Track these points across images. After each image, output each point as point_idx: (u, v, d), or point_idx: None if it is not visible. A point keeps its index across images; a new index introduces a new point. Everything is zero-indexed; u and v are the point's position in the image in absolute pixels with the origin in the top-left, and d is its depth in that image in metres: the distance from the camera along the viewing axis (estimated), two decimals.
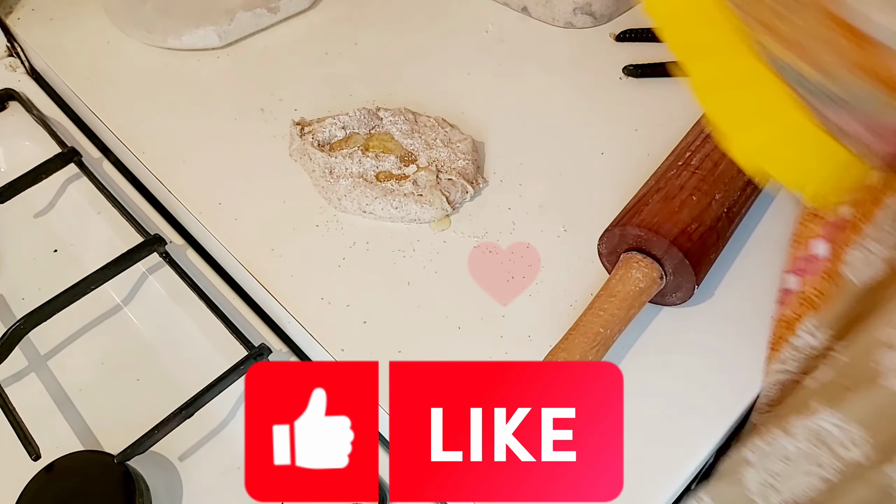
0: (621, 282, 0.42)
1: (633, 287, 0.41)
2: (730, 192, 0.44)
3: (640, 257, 0.42)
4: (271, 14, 0.62)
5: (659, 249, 0.42)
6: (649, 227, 0.42)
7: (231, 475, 0.46)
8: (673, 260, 0.41)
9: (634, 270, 0.42)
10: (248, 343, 0.47)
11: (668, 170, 0.45)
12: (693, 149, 0.46)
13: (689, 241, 0.41)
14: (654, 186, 0.44)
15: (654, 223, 0.42)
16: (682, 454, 0.40)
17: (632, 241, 0.43)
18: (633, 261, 0.42)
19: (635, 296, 0.41)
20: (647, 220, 0.42)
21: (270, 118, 0.57)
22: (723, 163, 0.44)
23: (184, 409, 0.44)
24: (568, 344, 0.40)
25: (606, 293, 0.42)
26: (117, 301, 0.53)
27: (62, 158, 0.56)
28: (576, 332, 0.41)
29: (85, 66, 0.61)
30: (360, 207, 0.50)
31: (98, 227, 0.56)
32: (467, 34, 0.62)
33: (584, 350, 0.40)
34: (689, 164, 0.45)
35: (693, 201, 0.42)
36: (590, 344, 0.40)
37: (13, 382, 0.50)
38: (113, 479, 0.43)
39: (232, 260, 0.50)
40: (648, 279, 0.42)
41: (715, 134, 0.45)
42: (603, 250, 0.45)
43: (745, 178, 0.44)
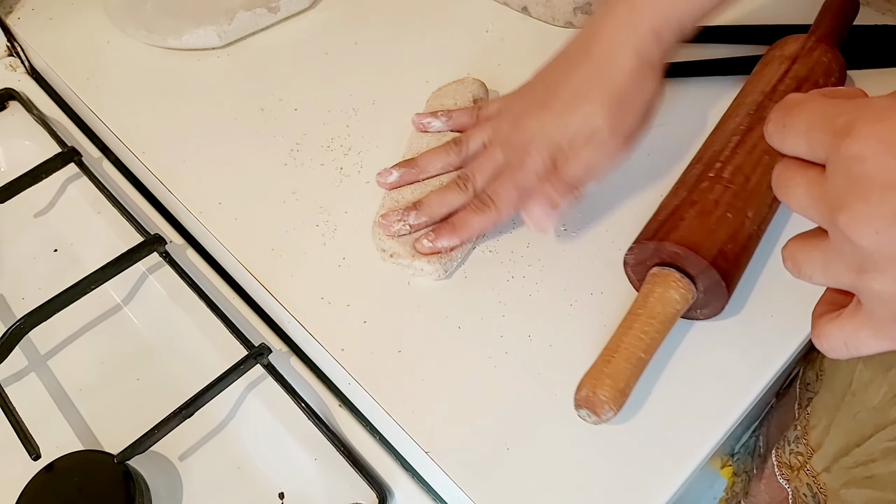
0: (661, 303, 0.41)
1: (672, 309, 0.41)
2: (761, 209, 0.43)
3: (678, 276, 0.41)
4: (271, 14, 0.62)
5: (695, 268, 0.41)
6: (688, 246, 0.40)
7: (231, 475, 0.46)
8: (707, 280, 0.41)
9: (673, 291, 0.41)
10: (248, 343, 0.47)
11: (699, 180, 0.44)
12: (723, 159, 0.44)
13: (726, 262, 0.40)
14: (686, 199, 0.43)
15: (693, 242, 0.41)
16: (681, 454, 0.40)
17: (667, 258, 0.42)
18: (671, 279, 0.41)
19: (673, 317, 0.41)
20: (685, 237, 0.41)
21: (270, 118, 0.57)
22: (753, 177, 0.43)
23: (184, 409, 0.44)
24: (613, 369, 0.39)
25: (647, 314, 0.40)
26: (117, 301, 0.53)
27: (62, 158, 0.56)
28: (619, 356, 0.39)
29: (85, 66, 0.61)
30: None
31: (98, 226, 0.56)
32: (467, 34, 0.62)
33: (627, 377, 0.39)
34: (722, 177, 0.43)
35: (728, 219, 0.42)
36: (633, 370, 0.39)
37: (13, 382, 0.50)
38: (113, 479, 0.43)
39: (232, 260, 0.50)
40: (684, 301, 0.41)
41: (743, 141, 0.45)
42: (630, 261, 0.44)
43: (772, 195, 0.44)
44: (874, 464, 0.45)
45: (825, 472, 0.48)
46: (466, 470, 0.40)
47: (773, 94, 0.47)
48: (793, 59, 0.49)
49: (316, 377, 0.48)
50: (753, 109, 0.47)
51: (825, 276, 0.28)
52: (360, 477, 0.43)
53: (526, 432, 0.41)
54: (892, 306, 0.26)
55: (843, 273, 0.27)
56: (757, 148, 0.44)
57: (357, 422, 0.46)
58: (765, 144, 0.44)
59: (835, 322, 0.29)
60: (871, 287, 0.26)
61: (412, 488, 0.43)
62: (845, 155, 0.26)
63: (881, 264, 0.26)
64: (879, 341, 0.28)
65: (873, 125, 0.25)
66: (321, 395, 0.47)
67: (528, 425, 0.42)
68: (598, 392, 0.38)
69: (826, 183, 0.27)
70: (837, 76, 0.50)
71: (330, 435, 0.44)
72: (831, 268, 0.28)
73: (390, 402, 0.43)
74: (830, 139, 0.26)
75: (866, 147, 0.25)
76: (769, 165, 0.44)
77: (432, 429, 0.42)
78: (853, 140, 0.25)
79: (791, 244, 0.30)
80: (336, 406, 0.46)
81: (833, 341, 0.29)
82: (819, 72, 0.49)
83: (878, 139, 0.25)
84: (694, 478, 0.41)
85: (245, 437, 0.47)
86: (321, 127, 0.56)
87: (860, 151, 0.25)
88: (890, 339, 0.27)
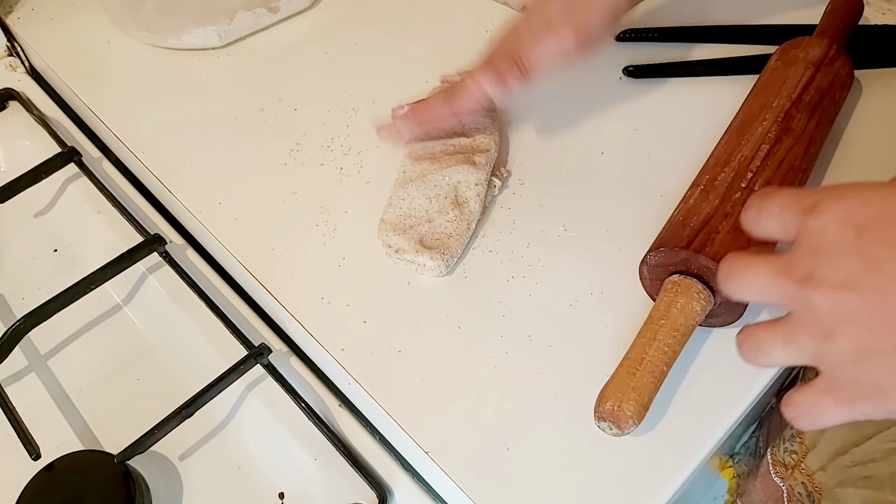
0: (683, 314, 0.40)
1: (694, 321, 0.40)
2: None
3: (701, 288, 0.41)
4: (271, 14, 0.62)
5: (711, 277, 0.40)
6: (708, 253, 0.40)
7: (231, 475, 0.46)
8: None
9: (695, 303, 0.40)
10: (248, 343, 0.47)
11: (730, 189, 0.43)
12: (754, 169, 0.44)
13: None
14: (720, 208, 0.42)
15: (711, 251, 0.40)
16: (681, 454, 0.40)
17: (694, 268, 0.41)
18: (695, 290, 0.41)
19: (693, 329, 0.40)
20: (720, 253, 0.40)
21: (270, 118, 0.57)
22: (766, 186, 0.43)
23: (184, 409, 0.44)
24: (638, 383, 0.38)
25: (670, 326, 0.40)
26: (117, 301, 0.53)
27: (62, 158, 0.56)
28: (644, 370, 0.39)
29: (85, 66, 0.61)
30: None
31: (98, 226, 0.56)
32: (467, 34, 0.62)
33: (651, 391, 0.38)
34: (753, 189, 0.43)
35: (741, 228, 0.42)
36: (656, 384, 0.39)
37: (13, 382, 0.50)
38: (113, 479, 0.43)
39: (232, 260, 0.50)
40: (704, 312, 0.41)
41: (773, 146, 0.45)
42: (651, 261, 0.43)
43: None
44: (874, 464, 0.45)
45: (820, 471, 0.48)
46: (466, 470, 0.40)
47: (799, 104, 0.47)
48: (817, 67, 0.49)
49: (316, 377, 0.48)
50: (781, 117, 0.46)
51: (785, 350, 0.30)
52: (360, 477, 0.43)
53: (526, 432, 0.41)
54: (850, 370, 0.28)
55: (806, 343, 0.29)
56: (784, 162, 0.44)
57: (357, 422, 0.46)
58: (791, 159, 0.45)
59: (799, 391, 0.31)
60: (831, 351, 0.28)
61: (412, 488, 0.43)
62: (811, 228, 0.29)
63: (839, 327, 0.28)
64: (840, 408, 0.29)
65: (835, 202, 0.29)
66: (321, 395, 0.47)
67: (528, 425, 0.42)
68: (624, 407, 0.38)
69: (791, 257, 0.29)
70: (849, 89, 0.50)
71: (330, 435, 0.44)
72: (793, 340, 0.30)
73: (390, 402, 0.43)
74: (800, 217, 0.29)
75: (828, 220, 0.28)
76: (792, 181, 0.44)
77: (432, 429, 0.42)
78: (817, 215, 0.29)
79: (747, 327, 0.32)
80: (336, 406, 0.46)
81: (800, 409, 0.31)
82: (838, 84, 0.49)
83: (837, 213, 0.28)
84: (694, 478, 0.41)
85: (245, 437, 0.47)
86: (321, 127, 0.56)
87: (822, 224, 0.28)
88: (848, 405, 0.29)
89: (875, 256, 0.27)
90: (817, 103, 0.47)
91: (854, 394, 0.29)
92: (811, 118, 0.46)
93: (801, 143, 0.45)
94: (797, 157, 0.44)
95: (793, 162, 0.44)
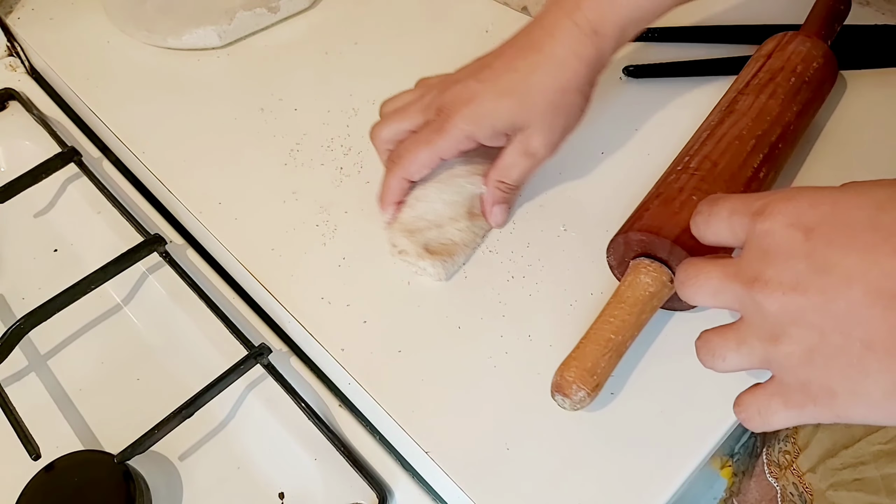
0: (630, 287, 0.41)
1: (643, 292, 0.41)
2: (733, 188, 0.43)
3: (648, 262, 0.42)
4: (271, 14, 0.62)
5: (664, 251, 0.41)
6: (650, 230, 0.41)
7: (231, 475, 0.46)
8: (679, 260, 0.41)
9: (643, 275, 0.41)
10: (248, 343, 0.47)
11: (668, 175, 0.45)
12: (692, 153, 0.45)
13: (692, 239, 0.41)
14: (654, 193, 0.44)
15: (654, 226, 0.42)
16: (681, 454, 0.40)
17: (637, 248, 0.43)
18: (642, 266, 0.42)
19: (646, 300, 0.41)
20: (647, 223, 0.42)
21: (270, 118, 0.57)
22: (722, 162, 0.44)
23: (184, 409, 0.44)
24: (579, 352, 0.40)
25: (616, 300, 0.41)
26: (117, 301, 0.53)
27: (62, 158, 0.56)
28: (587, 339, 0.40)
29: (85, 66, 0.61)
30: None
31: (98, 226, 0.56)
32: (467, 34, 0.62)
33: (595, 357, 0.39)
34: (689, 168, 0.44)
35: (693, 201, 0.42)
36: (601, 351, 0.39)
37: (13, 382, 0.50)
38: (113, 478, 0.43)
39: (232, 260, 0.50)
40: (658, 283, 0.41)
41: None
42: (613, 262, 0.45)
43: (747, 174, 0.44)
44: (864, 467, 0.45)
45: (810, 473, 0.48)
46: (466, 470, 0.40)
47: (745, 90, 0.48)
48: (768, 56, 0.50)
49: (316, 377, 0.48)
50: (725, 105, 0.48)
51: (738, 353, 0.30)
52: (360, 477, 0.43)
53: (526, 432, 0.41)
54: (799, 372, 0.28)
55: (756, 346, 0.29)
56: (726, 136, 0.45)
57: (357, 422, 0.46)
58: (735, 131, 0.45)
59: (750, 392, 0.31)
60: (780, 354, 0.28)
61: (412, 488, 0.43)
62: (759, 231, 0.29)
63: (787, 329, 0.28)
64: (788, 410, 0.29)
65: (783, 204, 0.29)
66: (321, 395, 0.47)
67: (528, 425, 0.42)
68: (565, 374, 0.39)
69: (741, 261, 0.30)
70: (821, 62, 0.50)
71: (330, 435, 0.44)
72: (745, 343, 0.30)
73: (390, 402, 0.43)
74: (749, 220, 0.30)
75: (775, 222, 0.28)
76: (739, 150, 0.44)
77: (432, 429, 0.42)
78: (765, 217, 0.29)
79: (704, 333, 0.32)
80: (336, 406, 0.46)
81: (749, 410, 0.31)
82: (797, 60, 0.49)
83: (785, 215, 0.28)
84: (694, 478, 0.41)
85: (245, 437, 0.47)
86: (321, 127, 0.56)
87: (770, 227, 0.29)
88: (798, 408, 0.29)
89: (823, 258, 0.27)
90: (768, 81, 0.48)
91: (803, 397, 0.29)
92: (759, 95, 0.47)
93: (747, 117, 0.46)
94: (744, 129, 0.45)
95: (738, 133, 0.45)
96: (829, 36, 0.53)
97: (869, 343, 0.26)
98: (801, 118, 0.48)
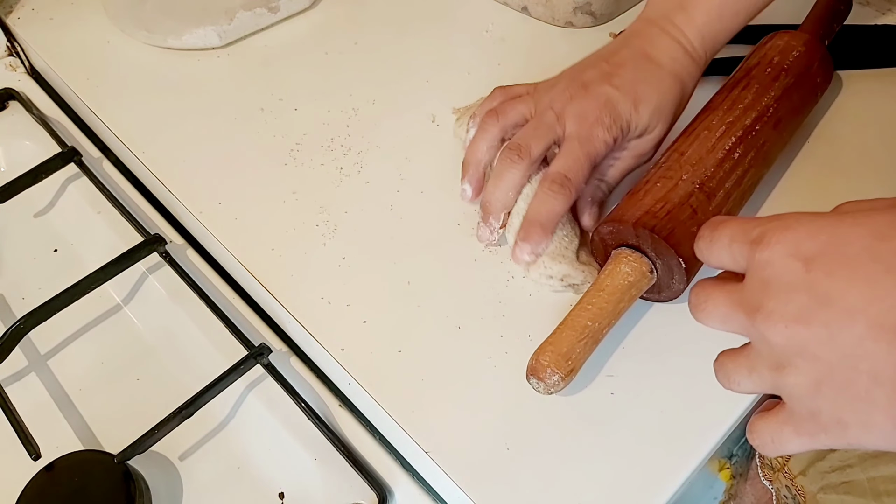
0: (609, 276, 0.42)
1: (622, 281, 0.42)
2: (699, 170, 0.44)
3: (628, 252, 0.43)
4: (271, 14, 0.62)
5: (632, 237, 0.42)
6: (614, 219, 0.43)
7: (231, 475, 0.46)
8: (647, 241, 0.42)
9: (623, 265, 0.42)
10: (248, 343, 0.47)
11: (643, 178, 0.46)
12: (665, 152, 0.47)
13: (654, 219, 0.42)
14: (626, 193, 0.46)
15: (618, 215, 0.43)
16: (681, 454, 0.40)
17: (609, 239, 0.44)
18: (622, 256, 0.43)
19: (624, 290, 0.42)
20: (612, 214, 0.44)
21: (270, 118, 0.57)
22: (689, 150, 0.45)
23: (184, 409, 0.44)
24: (556, 338, 0.40)
25: (595, 288, 0.42)
26: (117, 301, 0.53)
27: (62, 158, 0.56)
28: (564, 325, 0.41)
29: (85, 66, 0.61)
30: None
31: (98, 226, 0.56)
32: (467, 34, 0.62)
33: (571, 343, 0.40)
34: (658, 164, 0.46)
35: (657, 187, 0.43)
36: (577, 337, 0.40)
37: (13, 382, 0.50)
38: (113, 478, 0.43)
39: (232, 260, 0.50)
40: (637, 273, 0.42)
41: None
42: (599, 261, 0.46)
43: (718, 156, 0.44)
44: (851, 469, 0.45)
45: (801, 476, 0.48)
46: (466, 470, 0.40)
47: (721, 90, 0.49)
48: (746, 58, 0.51)
49: (316, 377, 0.48)
50: (701, 110, 0.49)
51: (750, 380, 0.30)
52: (360, 477, 0.43)
53: (526, 432, 0.41)
54: (808, 403, 0.28)
55: (766, 374, 0.29)
56: (696, 129, 0.46)
57: (357, 422, 0.46)
58: (706, 123, 0.46)
59: (763, 419, 0.31)
60: (787, 383, 0.28)
61: (412, 488, 0.43)
62: (759, 261, 0.29)
63: (793, 360, 0.28)
64: (800, 438, 0.29)
65: (782, 233, 0.28)
66: (321, 395, 0.47)
67: (528, 425, 0.42)
68: (540, 358, 0.40)
69: (744, 289, 0.30)
70: (802, 50, 0.50)
71: (330, 435, 0.44)
72: (755, 370, 0.30)
73: (390, 402, 0.43)
74: (749, 248, 0.29)
75: (774, 252, 0.28)
76: (707, 137, 0.45)
77: (432, 429, 0.42)
78: (764, 247, 0.29)
79: (720, 356, 0.32)
80: (336, 406, 0.46)
81: (762, 437, 0.31)
82: (773, 53, 0.50)
83: (784, 245, 0.28)
84: (693, 479, 0.41)
85: (245, 437, 0.47)
86: (321, 127, 0.56)
87: (770, 257, 0.28)
88: (809, 436, 0.29)
89: (824, 290, 0.27)
90: (742, 77, 0.49)
91: (814, 426, 0.29)
92: (732, 90, 0.48)
93: (718, 111, 0.47)
94: (714, 119, 0.47)
95: (707, 124, 0.46)
96: (827, 35, 0.53)
97: (876, 377, 0.26)
98: (784, 101, 0.48)
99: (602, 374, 0.43)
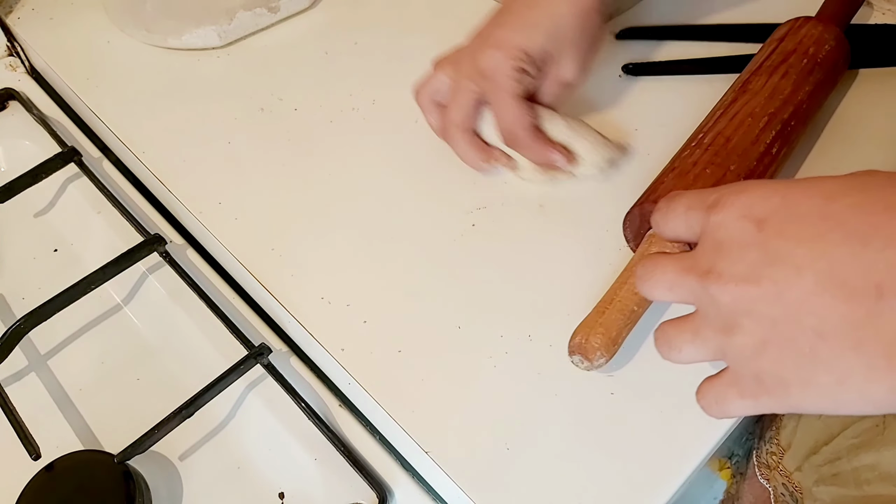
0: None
1: None
2: (745, 162, 0.44)
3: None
4: (271, 14, 0.62)
5: None
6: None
7: (231, 475, 0.46)
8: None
9: (668, 250, 0.41)
10: (248, 343, 0.47)
11: (682, 151, 0.46)
12: (706, 130, 0.46)
13: None
14: (669, 167, 0.45)
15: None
16: (681, 454, 0.40)
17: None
18: (657, 239, 0.42)
19: None
20: (662, 195, 0.41)
21: (270, 118, 0.57)
22: (735, 137, 0.44)
23: (184, 409, 0.44)
24: (606, 319, 0.40)
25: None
26: (117, 301, 0.53)
27: (62, 158, 0.56)
28: (612, 307, 0.40)
29: (85, 66, 0.61)
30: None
31: (98, 226, 0.56)
32: (467, 34, 0.62)
33: (619, 327, 0.39)
34: (702, 143, 0.45)
35: (707, 174, 0.43)
36: (625, 321, 0.40)
37: (13, 382, 0.50)
38: (113, 478, 0.43)
39: (232, 260, 0.50)
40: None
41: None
42: (629, 235, 0.46)
43: (760, 149, 0.44)
44: (839, 461, 0.45)
45: (797, 472, 0.49)
46: (466, 469, 0.40)
47: (759, 70, 0.48)
48: (781, 39, 0.50)
49: (316, 377, 0.48)
50: (739, 86, 0.48)
51: (694, 345, 0.31)
52: (360, 477, 0.43)
53: (526, 432, 0.41)
54: (752, 364, 0.28)
55: (711, 337, 0.30)
56: (739, 113, 0.46)
57: (357, 422, 0.46)
58: (748, 109, 0.46)
59: (709, 381, 0.31)
60: (733, 345, 0.29)
61: (412, 488, 0.43)
62: (712, 223, 0.29)
63: (740, 320, 0.28)
64: (744, 400, 0.30)
65: (736, 196, 0.29)
66: (321, 395, 0.47)
67: (528, 425, 0.42)
68: (591, 339, 0.39)
69: (696, 254, 0.30)
70: (833, 45, 0.50)
71: (330, 435, 0.44)
72: (699, 335, 0.30)
73: (390, 402, 0.43)
74: (703, 214, 0.30)
75: (728, 214, 0.29)
76: (752, 126, 0.45)
77: (432, 429, 0.42)
78: (718, 210, 0.29)
79: (662, 324, 0.32)
80: (336, 406, 0.46)
81: (707, 399, 0.31)
82: (809, 42, 0.49)
83: (738, 207, 0.29)
84: (693, 478, 0.41)
85: (245, 437, 0.47)
86: (321, 127, 0.56)
87: (723, 219, 0.29)
88: (752, 399, 0.29)
89: (775, 249, 0.27)
90: (781, 62, 0.48)
91: (757, 388, 0.29)
92: (772, 75, 0.48)
93: (759, 96, 0.46)
94: (756, 106, 0.46)
95: (751, 111, 0.46)
96: (843, 25, 0.53)
97: (820, 331, 0.26)
98: (813, 99, 0.48)
99: (602, 374, 0.43)
